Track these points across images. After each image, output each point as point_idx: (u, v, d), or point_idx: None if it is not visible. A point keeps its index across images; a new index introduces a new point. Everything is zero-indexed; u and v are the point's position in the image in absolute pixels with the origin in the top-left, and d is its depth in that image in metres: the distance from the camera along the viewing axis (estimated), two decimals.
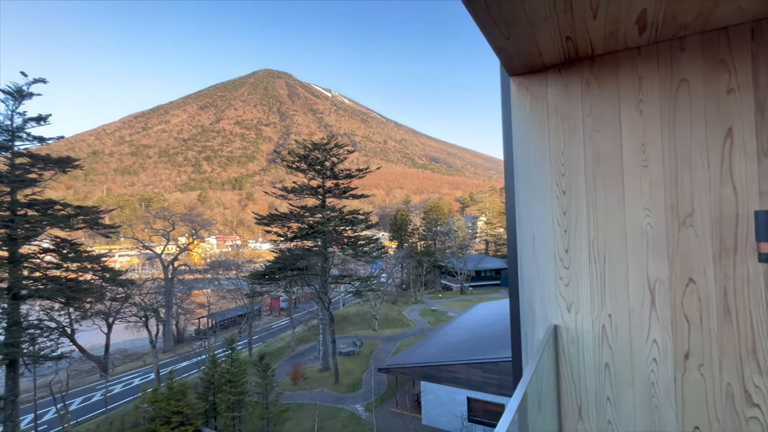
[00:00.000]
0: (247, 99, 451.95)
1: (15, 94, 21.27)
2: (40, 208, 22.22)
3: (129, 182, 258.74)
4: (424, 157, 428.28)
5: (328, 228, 32.04)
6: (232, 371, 22.94)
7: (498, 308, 32.84)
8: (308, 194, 33.29)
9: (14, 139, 21.49)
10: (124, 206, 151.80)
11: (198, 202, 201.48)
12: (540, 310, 2.10)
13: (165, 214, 55.83)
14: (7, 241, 21.04)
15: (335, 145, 33.09)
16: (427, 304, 58.00)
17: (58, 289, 22.40)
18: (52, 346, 22.65)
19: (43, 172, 22.56)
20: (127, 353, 43.78)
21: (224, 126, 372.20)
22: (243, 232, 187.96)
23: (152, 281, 44.23)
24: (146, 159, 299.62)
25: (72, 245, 23.95)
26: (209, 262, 69.67)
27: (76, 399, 29.37)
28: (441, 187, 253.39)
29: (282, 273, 32.33)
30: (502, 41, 1.68)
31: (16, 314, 21.23)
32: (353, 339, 40.16)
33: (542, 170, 2.07)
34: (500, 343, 21.01)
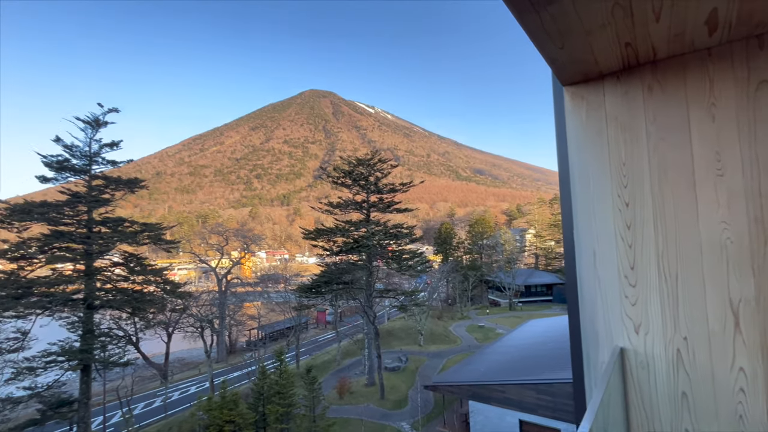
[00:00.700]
0: (294, 118, 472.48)
1: (93, 123, 23.67)
2: (112, 226, 24.31)
3: (188, 200, 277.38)
4: (468, 169, 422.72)
5: (373, 242, 32.26)
6: (280, 383, 23.40)
7: (551, 326, 31.16)
8: (353, 209, 33.83)
9: (91, 163, 23.83)
10: (183, 223, 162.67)
11: (249, 217, 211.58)
12: (604, 330, 1.95)
13: (219, 229, 59.08)
14: (84, 256, 23.15)
15: (379, 160, 33.51)
16: (474, 320, 56.32)
17: (125, 300, 24.21)
18: (119, 353, 24.41)
19: (115, 193, 24.74)
20: (185, 362, 46.22)
21: (273, 145, 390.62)
22: (291, 246, 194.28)
23: (207, 293, 46.70)
24: (203, 178, 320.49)
25: (138, 259, 25.89)
26: (259, 275, 72.52)
27: (139, 404, 31.30)
28: (486, 200, 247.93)
29: (328, 287, 32.87)
30: (555, 52, 1.62)
31: (90, 323, 23.17)
32: (399, 354, 39.72)
33: (602, 182, 1.95)
34: (554, 363, 19.81)
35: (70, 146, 23.07)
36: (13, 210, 21.74)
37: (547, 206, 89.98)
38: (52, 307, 22.01)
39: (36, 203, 22.55)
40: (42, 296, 21.54)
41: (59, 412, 21.25)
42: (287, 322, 50.83)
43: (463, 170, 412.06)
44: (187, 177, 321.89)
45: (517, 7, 1.31)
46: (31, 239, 21.95)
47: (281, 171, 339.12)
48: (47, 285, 21.92)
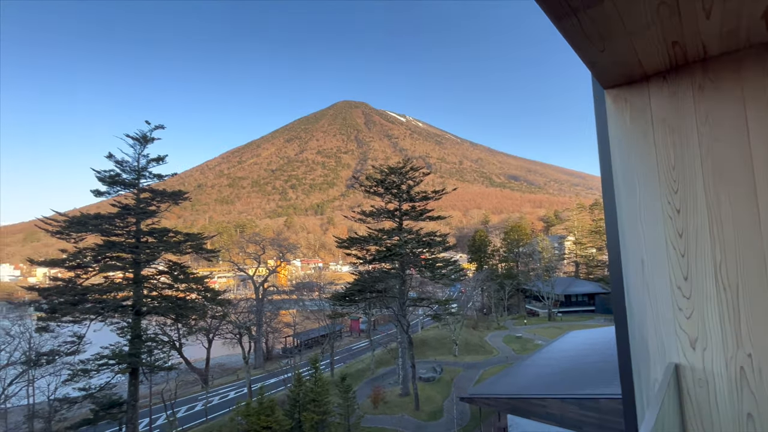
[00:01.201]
0: (327, 129, 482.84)
1: (141, 139, 25.22)
2: (158, 236, 25.66)
3: (227, 210, 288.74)
4: (502, 175, 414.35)
5: (406, 250, 32.15)
6: (315, 390, 23.62)
7: (594, 338, 29.63)
8: (385, 217, 33.93)
9: (140, 177, 25.35)
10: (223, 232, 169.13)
11: (284, 227, 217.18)
12: (655, 344, 1.83)
13: (256, 239, 61.00)
14: (132, 265, 24.54)
15: (411, 169, 33.51)
16: (511, 330, 54.61)
17: (170, 307, 25.38)
18: (164, 357, 25.54)
19: (161, 205, 26.15)
20: (224, 367, 47.71)
21: (307, 156, 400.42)
22: (325, 254, 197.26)
23: (245, 301, 48.16)
24: (241, 189, 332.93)
25: (181, 268, 27.13)
26: (294, 283, 74.07)
27: (182, 407, 32.51)
28: (522, 206, 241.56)
29: (361, 295, 33.00)
30: (596, 55, 1.56)
31: (137, 328, 24.44)
32: (433, 364, 39.11)
33: (649, 187, 1.87)
34: (599, 377, 18.76)
35: (120, 162, 24.67)
36: (71, 222, 23.45)
37: (587, 212, 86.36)
38: (105, 313, 23.42)
39: (91, 215, 24.21)
40: (95, 302, 22.97)
41: (110, 413, 22.45)
42: (322, 330, 51.41)
43: (497, 176, 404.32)
44: (226, 188, 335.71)
45: (555, 12, 1.28)
46: (86, 249, 23.54)
47: (315, 181, 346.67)
48: (100, 292, 23.37)
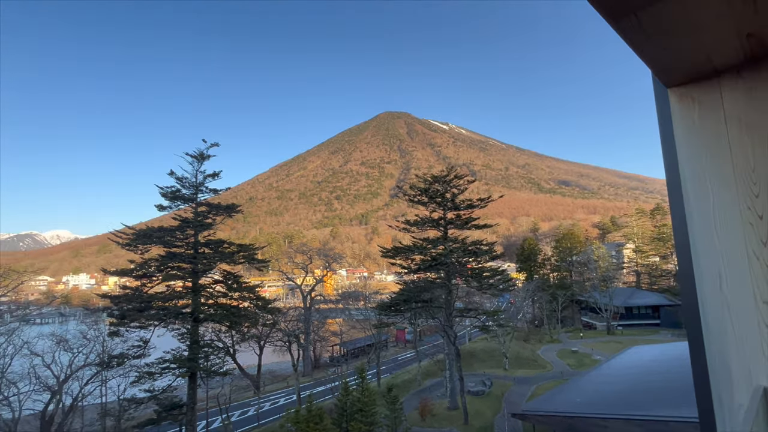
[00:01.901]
0: (370, 140, 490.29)
1: (198, 157, 26.97)
2: (214, 247, 27.15)
3: (276, 222, 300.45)
4: (552, 180, 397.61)
5: (451, 259, 31.58)
6: (363, 400, 23.61)
7: (661, 354, 27.24)
8: (430, 226, 33.60)
9: (197, 192, 27.07)
10: (272, 243, 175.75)
11: (330, 237, 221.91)
12: (738, 366, 1.60)
13: (304, 249, 62.76)
14: (191, 274, 26.11)
15: (455, 177, 33.05)
16: (566, 344, 51.67)
17: (224, 315, 26.64)
18: (220, 363, 26.76)
19: (216, 217, 27.70)
20: (275, 374, 49.13)
21: (351, 167, 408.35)
22: (369, 264, 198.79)
23: (294, 310, 49.49)
24: (289, 201, 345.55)
25: (235, 277, 28.45)
26: (340, 292, 75.21)
27: (236, 411, 33.80)
28: (574, 212, 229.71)
29: (407, 305, 32.76)
30: (657, 52, 1.45)
31: (195, 334, 25.87)
32: (482, 377, 37.83)
33: (725, 192, 1.67)
34: (667, 397, 17.15)
35: (180, 178, 26.48)
36: (137, 235, 25.45)
37: (647, 217, 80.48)
38: (167, 319, 25.03)
39: (155, 228, 26.14)
40: (159, 309, 24.62)
41: (171, 414, 23.80)
42: (367, 340, 51.57)
43: (546, 182, 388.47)
44: (275, 201, 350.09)
45: (612, 12, 1.21)
46: (151, 260, 25.39)
47: (359, 191, 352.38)
48: (163, 300, 25.05)
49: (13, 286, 30.46)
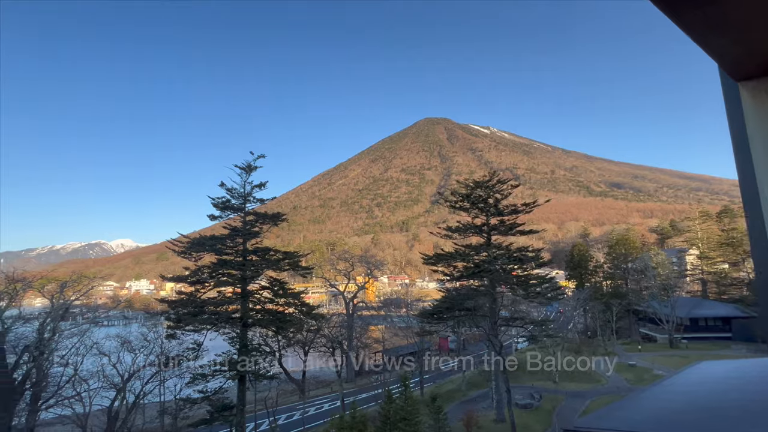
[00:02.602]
0: (410, 147, 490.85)
1: (246, 168, 28.24)
2: (261, 254, 28.20)
3: (318, 230, 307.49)
4: (603, 183, 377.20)
5: (495, 267, 30.69)
6: (406, 409, 23.33)
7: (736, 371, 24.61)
8: (473, 233, 32.91)
9: (246, 202, 28.30)
10: (315, 250, 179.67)
11: (372, 244, 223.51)
12: None
13: (346, 256, 63.70)
14: (240, 280, 27.25)
15: (498, 181, 32.22)
16: (622, 357, 48.33)
17: (271, 320, 27.52)
18: (267, 367, 27.59)
19: (263, 226, 28.79)
20: (319, 380, 49.93)
21: (392, 174, 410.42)
22: (411, 271, 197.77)
23: (337, 316, 50.18)
24: (331, 209, 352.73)
25: (281, 284, 29.34)
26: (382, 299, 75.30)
27: (282, 415, 34.65)
28: (628, 216, 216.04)
29: (449, 313, 32.17)
30: (726, 46, 1.38)
31: (244, 338, 26.88)
32: (530, 390, 36.24)
33: None
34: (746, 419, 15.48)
35: (230, 189, 27.82)
36: (192, 243, 26.97)
37: (713, 221, 73.97)
38: (218, 324, 26.24)
39: (207, 237, 27.59)
40: (211, 314, 25.88)
41: (223, 415, 24.82)
42: (410, 347, 51.11)
43: (596, 185, 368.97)
44: (318, 209, 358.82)
45: (675, 8, 1.16)
46: (203, 267, 26.80)
47: (400, 198, 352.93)
48: (215, 305, 26.31)
49: (85, 291, 33.32)
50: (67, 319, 30.09)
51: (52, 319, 26.88)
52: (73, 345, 27.89)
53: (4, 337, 23.99)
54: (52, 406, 25.71)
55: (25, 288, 29.15)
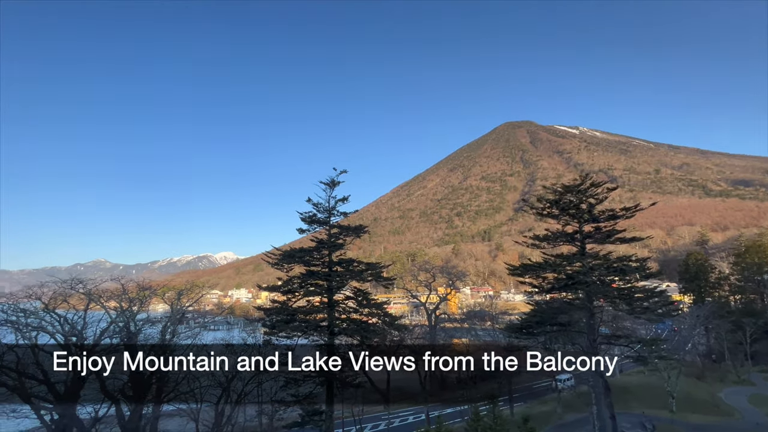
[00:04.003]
0: (490, 154, 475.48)
1: (330, 184, 29.75)
2: (345, 265, 29.28)
3: (399, 241, 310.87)
4: (723, 181, 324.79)
5: (591, 278, 27.91)
6: (495, 428, 22.11)
7: None
8: (563, 241, 30.44)
9: (330, 215, 29.74)
10: (396, 261, 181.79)
11: (452, 254, 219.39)
12: None
13: (427, 266, 63.24)
14: (326, 290, 28.54)
15: (591, 185, 29.46)
16: (760, 387, 40.48)
17: (356, 329, 28.25)
18: (353, 376, 28.28)
19: (346, 238, 29.92)
20: (403, 391, 49.76)
21: (471, 182, 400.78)
22: (495, 282, 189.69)
23: (419, 327, 49.85)
24: (410, 220, 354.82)
25: (364, 294, 30.07)
26: (465, 311, 73.06)
27: (368, 424, 35.13)
28: (760, 219, 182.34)
29: (540, 327, 29.96)
30: None
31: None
32: (641, 419, 32.00)
33: None
34: None
35: (316, 204, 29.49)
36: (283, 255, 29.02)
37: None
38: (308, 331, 27.70)
39: (297, 250, 29.47)
40: (301, 322, 27.43)
41: (313, 420, 25.96)
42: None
43: (715, 183, 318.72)
44: (397, 220, 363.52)
45: None
46: (294, 277, 28.63)
47: (480, 207, 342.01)
48: (304, 313, 27.85)
49: (196, 299, 37.71)
50: (183, 323, 34.13)
51: (171, 323, 30.76)
52: (188, 346, 31.55)
53: (136, 337, 28.03)
54: (172, 400, 29.23)
55: (150, 295, 33.91)
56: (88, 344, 27.02)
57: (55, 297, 28.75)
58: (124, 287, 32.37)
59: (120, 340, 27.87)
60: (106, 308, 30.24)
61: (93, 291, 30.35)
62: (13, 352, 25.25)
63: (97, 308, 30.02)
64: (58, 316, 27.32)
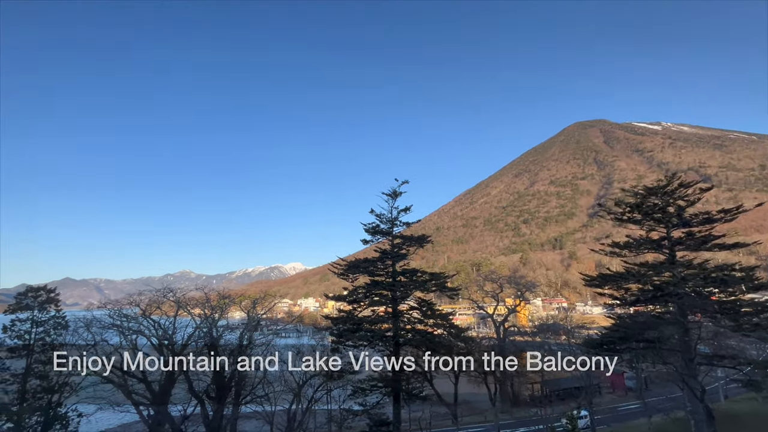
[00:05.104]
0: (558, 157, 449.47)
1: (392, 195, 30.05)
2: (409, 275, 29.25)
3: (462, 250, 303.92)
4: None
5: (684, 289, 24.89)
6: None
7: None
8: (648, 248, 27.59)
9: (393, 226, 29.98)
10: (460, 271, 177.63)
11: (520, 263, 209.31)
12: None
13: (493, 276, 60.87)
14: (390, 300, 28.66)
15: (679, 185, 26.50)
16: None
17: (421, 340, 27.94)
18: (419, 387, 27.95)
19: (409, 248, 29.93)
20: (471, 406, 47.96)
21: (538, 188, 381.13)
22: (569, 293, 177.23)
23: (487, 340, 47.92)
24: (474, 228, 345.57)
25: (429, 304, 29.72)
26: (536, 324, 68.94)
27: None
28: None
29: (624, 344, 27.22)
30: None
31: (397, 357, 27.88)
32: None
33: None
34: None
35: (379, 215, 29.93)
36: (348, 265, 29.73)
37: None
38: (373, 341, 27.95)
39: (361, 260, 30.04)
40: (367, 331, 27.77)
41: (380, 429, 25.98)
42: (574, 381, 45.07)
43: None
44: (460, 229, 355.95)
45: None
46: (359, 287, 29.17)
47: (550, 213, 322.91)
48: (370, 323, 28.18)
49: (269, 307, 39.93)
50: (258, 330, 36.25)
51: (248, 330, 32.79)
52: (262, 352, 33.38)
53: (218, 342, 30.29)
54: (249, 403, 31.00)
55: (229, 303, 36.56)
56: (178, 348, 29.83)
57: (151, 304, 32.15)
58: (207, 296, 35.30)
59: (204, 344, 30.36)
60: (192, 315, 33.19)
61: (181, 299, 33.48)
62: (118, 352, 28.68)
63: (184, 315, 33.05)
64: (153, 322, 30.54)
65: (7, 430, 25.09)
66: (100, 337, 28.69)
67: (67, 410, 28.01)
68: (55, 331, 28.61)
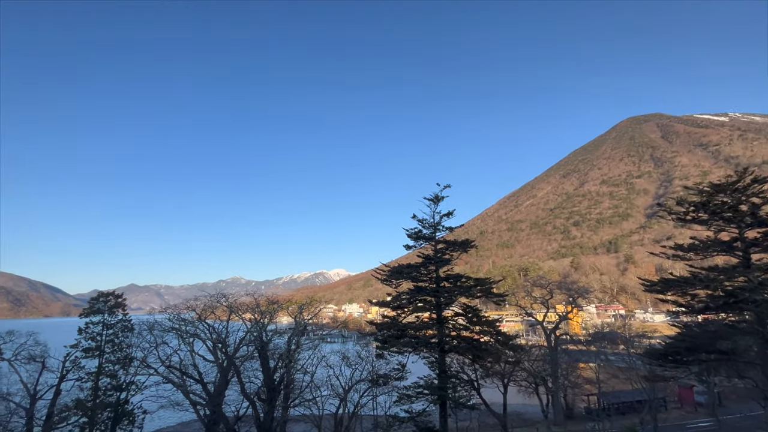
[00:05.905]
0: (610, 155, 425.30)
1: (434, 199, 29.73)
2: (453, 281, 28.71)
3: (508, 254, 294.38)
4: None
5: (762, 296, 22.48)
6: None
7: None
8: (717, 251, 25.26)
9: (436, 231, 29.63)
10: (506, 276, 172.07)
11: (571, 268, 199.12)
12: None
13: (542, 282, 58.32)
14: (435, 306, 28.26)
15: (753, 181, 24.11)
16: None
17: (467, 347, 27.26)
18: (466, 396, 27.22)
19: (453, 253, 29.40)
20: (522, 417, 46.03)
21: (589, 189, 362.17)
22: (626, 299, 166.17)
23: (538, 348, 45.90)
24: (520, 232, 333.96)
25: (474, 311, 28.97)
26: (591, 332, 65.12)
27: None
28: None
29: (692, 355, 25.03)
30: None
31: (443, 364, 27.40)
32: None
33: None
34: None
35: (421, 220, 29.71)
36: (391, 271, 29.72)
37: None
38: (418, 347, 27.66)
39: (404, 265, 29.93)
40: (411, 338, 27.54)
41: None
42: (636, 394, 42.05)
43: None
44: (505, 233, 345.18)
45: None
46: (402, 293, 29.03)
47: (602, 215, 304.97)
48: (414, 329, 27.92)
49: (315, 312, 40.81)
50: (305, 335, 37.19)
51: (295, 334, 33.71)
52: (309, 357, 34.14)
53: (267, 346, 31.38)
54: (297, 406, 31.75)
55: (277, 309, 37.78)
56: (231, 351, 31.23)
57: (206, 309, 33.98)
58: (257, 301, 36.73)
59: (254, 347, 31.56)
60: (243, 319, 34.65)
61: (233, 304, 35.09)
62: (177, 354, 30.54)
63: (235, 319, 34.60)
64: (208, 326, 32.23)
65: (83, 424, 27.44)
66: (161, 340, 30.74)
67: (133, 407, 30.22)
68: (122, 333, 31.06)
